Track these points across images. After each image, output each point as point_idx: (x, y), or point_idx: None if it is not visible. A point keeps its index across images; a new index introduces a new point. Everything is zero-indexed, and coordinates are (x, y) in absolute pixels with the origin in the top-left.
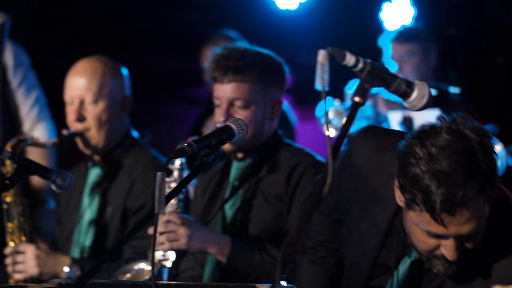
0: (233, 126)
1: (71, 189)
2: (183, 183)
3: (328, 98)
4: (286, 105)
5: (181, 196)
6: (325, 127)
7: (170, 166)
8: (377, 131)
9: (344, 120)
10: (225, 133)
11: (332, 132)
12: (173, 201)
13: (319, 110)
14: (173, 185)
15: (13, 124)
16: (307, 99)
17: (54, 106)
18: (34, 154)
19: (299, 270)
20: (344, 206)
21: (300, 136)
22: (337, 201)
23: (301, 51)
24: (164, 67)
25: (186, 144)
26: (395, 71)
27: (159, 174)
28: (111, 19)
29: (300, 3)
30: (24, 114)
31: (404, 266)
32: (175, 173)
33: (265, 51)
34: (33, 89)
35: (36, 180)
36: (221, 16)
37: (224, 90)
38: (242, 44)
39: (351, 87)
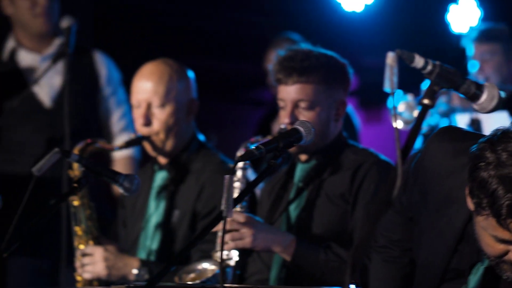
0: (301, 129)
1: (138, 193)
2: (251, 186)
3: (399, 91)
4: (349, 107)
5: (243, 203)
6: (396, 132)
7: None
8: (453, 134)
9: (415, 114)
10: (292, 135)
11: (400, 124)
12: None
13: (391, 104)
14: (237, 184)
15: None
16: (372, 101)
17: None
18: (120, 165)
19: (372, 269)
20: (418, 207)
21: (365, 138)
22: (410, 200)
23: (366, 53)
24: (229, 69)
25: (253, 147)
26: (476, 71)
27: (227, 177)
28: (175, 21)
29: (366, 5)
30: (114, 121)
31: (477, 272)
32: (239, 173)
33: (329, 52)
34: (123, 103)
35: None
36: (286, 19)
37: (289, 92)
38: (306, 45)
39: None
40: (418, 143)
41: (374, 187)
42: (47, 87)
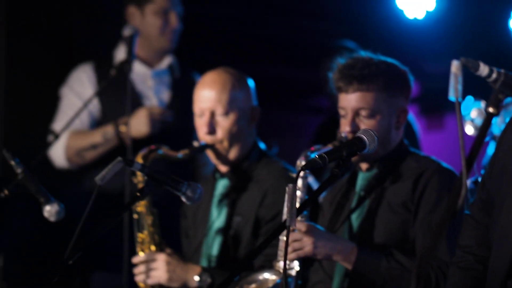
0: (364, 137)
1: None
2: (314, 195)
3: (470, 97)
4: (410, 114)
5: (305, 213)
6: (461, 140)
7: (294, 175)
8: None
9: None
10: (356, 144)
11: (471, 131)
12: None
13: (463, 109)
14: (298, 193)
15: None
16: (434, 108)
17: None
18: None
19: (448, 278)
20: (497, 187)
21: (427, 146)
22: (489, 189)
23: (428, 59)
24: (289, 76)
25: (316, 156)
26: None
27: (289, 186)
28: (235, 29)
29: (427, 12)
30: None
31: None
32: (299, 182)
33: (389, 59)
34: None
35: None
36: (348, 26)
37: (349, 100)
38: (367, 53)
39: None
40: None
41: (436, 196)
42: (156, 100)
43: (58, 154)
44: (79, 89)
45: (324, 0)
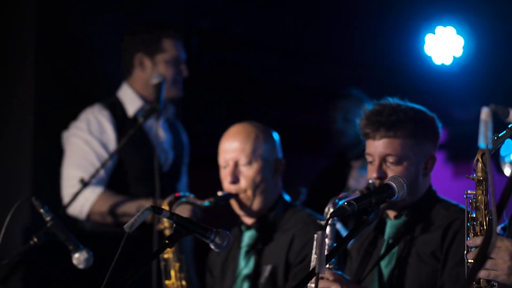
0: (393, 184)
1: (228, 250)
2: (343, 242)
3: (509, 140)
4: None
5: (333, 260)
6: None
7: (322, 222)
8: None
9: None
10: (385, 191)
11: (508, 172)
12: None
13: (504, 150)
14: (327, 240)
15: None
16: (462, 154)
17: (206, 164)
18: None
19: None
20: None
21: (455, 192)
22: None
23: (455, 106)
24: (316, 122)
25: (345, 203)
26: None
27: (318, 233)
28: (260, 75)
29: (454, 58)
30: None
31: None
32: (328, 229)
33: (417, 106)
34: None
35: None
36: (375, 72)
37: (376, 146)
38: (394, 99)
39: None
40: None
41: (464, 247)
42: (164, 147)
43: (80, 207)
44: (98, 134)
45: (353, 47)
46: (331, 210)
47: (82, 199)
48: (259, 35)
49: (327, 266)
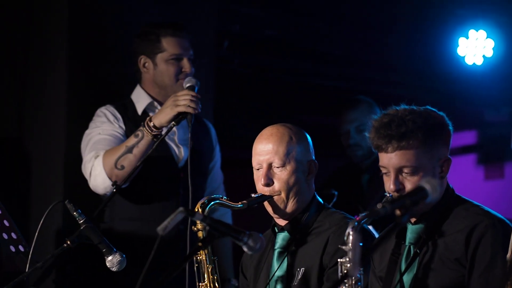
0: (427, 187)
1: (261, 252)
2: (377, 243)
3: None
4: None
5: (358, 276)
6: None
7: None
8: None
9: None
10: (418, 193)
11: None
12: (350, 281)
13: None
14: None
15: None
16: (493, 156)
17: (235, 165)
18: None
19: None
20: None
21: (486, 194)
22: None
23: (486, 107)
24: None
25: (379, 205)
26: None
27: (353, 235)
28: (291, 79)
29: (485, 58)
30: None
31: None
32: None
33: (422, 108)
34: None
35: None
36: (409, 75)
37: (390, 159)
38: (400, 106)
39: None
40: None
41: (490, 252)
42: (180, 144)
43: (99, 180)
44: (107, 126)
45: (385, 50)
46: (351, 232)
47: (96, 172)
48: (289, 38)
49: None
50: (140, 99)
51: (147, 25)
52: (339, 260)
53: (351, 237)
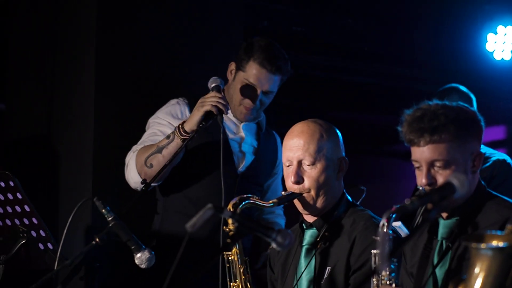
0: (454, 182)
1: (290, 249)
2: (405, 240)
3: None
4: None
5: (392, 267)
6: None
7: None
8: None
9: None
10: (446, 188)
11: None
12: (384, 273)
13: None
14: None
15: None
16: None
17: None
18: None
19: None
20: None
21: None
22: None
23: None
24: (377, 122)
25: (408, 200)
26: None
27: (381, 232)
28: (325, 75)
29: None
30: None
31: None
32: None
33: (455, 104)
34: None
35: None
36: (437, 71)
37: (422, 152)
38: (433, 101)
39: None
40: None
41: None
42: (245, 148)
43: (131, 174)
44: (167, 119)
45: (413, 46)
46: (385, 224)
47: (130, 167)
48: (318, 34)
49: (388, 282)
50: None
51: (258, 38)
52: (372, 251)
53: (384, 229)
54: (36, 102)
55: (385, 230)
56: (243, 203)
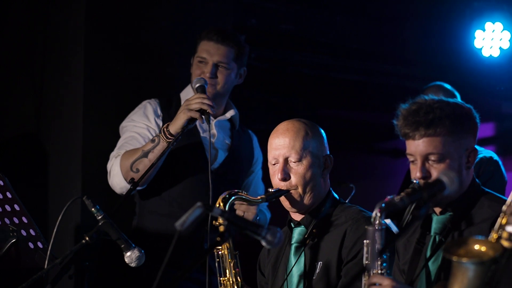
0: (444, 179)
1: (278, 249)
2: (395, 238)
3: None
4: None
5: (384, 257)
6: None
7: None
8: None
9: None
10: (436, 185)
11: None
12: (376, 263)
13: None
14: (378, 235)
15: None
16: (510, 148)
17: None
18: None
19: None
20: None
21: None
22: None
23: (503, 99)
24: (365, 120)
25: (396, 197)
26: None
27: (369, 229)
28: (315, 73)
29: (501, 50)
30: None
31: None
32: (379, 225)
33: (451, 100)
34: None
35: None
36: (425, 67)
37: (417, 146)
38: (429, 96)
39: None
40: None
41: None
42: (218, 145)
43: (116, 180)
44: (143, 121)
45: (402, 43)
46: (378, 215)
47: (114, 172)
48: (306, 32)
49: (379, 271)
50: (186, 97)
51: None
52: (365, 241)
53: (377, 220)
54: (25, 101)
55: (377, 220)
56: (232, 198)
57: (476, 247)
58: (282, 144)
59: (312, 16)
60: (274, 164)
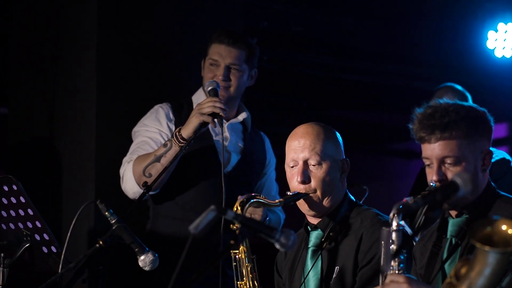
0: (458, 180)
1: (295, 252)
2: (408, 239)
3: None
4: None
5: (401, 257)
6: None
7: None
8: None
9: None
10: (450, 187)
11: None
12: (393, 263)
13: None
14: (394, 237)
15: None
16: None
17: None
18: None
19: None
20: None
21: None
22: None
23: None
24: (379, 121)
25: (410, 199)
26: None
27: (384, 231)
28: (326, 74)
29: None
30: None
31: None
32: (394, 226)
33: (466, 103)
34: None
35: None
36: (438, 68)
37: (433, 149)
38: (443, 100)
39: None
40: None
41: None
42: (230, 149)
43: (129, 185)
44: (155, 126)
45: (413, 44)
46: (396, 216)
47: (127, 177)
48: (317, 34)
49: (396, 272)
50: (198, 100)
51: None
52: (382, 242)
53: (394, 221)
54: (38, 106)
55: (395, 221)
56: (250, 201)
57: (503, 227)
58: (301, 146)
59: (323, 18)
60: (292, 167)
